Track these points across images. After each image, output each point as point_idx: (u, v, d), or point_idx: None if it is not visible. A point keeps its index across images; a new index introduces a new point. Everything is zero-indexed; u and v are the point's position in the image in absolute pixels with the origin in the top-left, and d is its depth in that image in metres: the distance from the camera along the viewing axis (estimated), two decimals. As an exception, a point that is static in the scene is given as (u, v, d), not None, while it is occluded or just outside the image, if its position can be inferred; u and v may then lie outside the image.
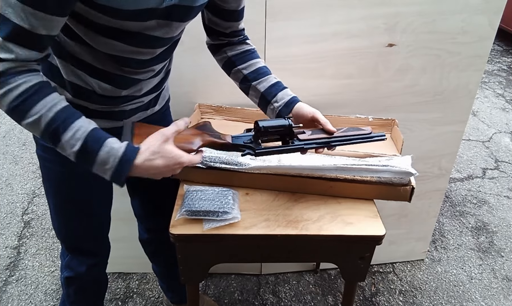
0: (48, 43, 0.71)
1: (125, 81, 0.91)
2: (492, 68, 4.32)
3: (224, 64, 1.06)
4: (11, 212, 2.23)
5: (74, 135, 0.72)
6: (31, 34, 0.67)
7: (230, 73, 1.05)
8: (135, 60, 0.86)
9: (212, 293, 1.78)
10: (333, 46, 1.34)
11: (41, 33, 0.67)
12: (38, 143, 0.99)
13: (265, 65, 1.04)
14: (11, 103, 0.70)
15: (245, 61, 1.03)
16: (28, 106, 0.70)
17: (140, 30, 0.79)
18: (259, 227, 1.01)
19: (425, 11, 1.32)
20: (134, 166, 0.75)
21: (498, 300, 1.79)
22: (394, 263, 1.97)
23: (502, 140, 3.03)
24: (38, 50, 0.70)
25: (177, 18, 0.83)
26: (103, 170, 0.75)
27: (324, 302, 1.76)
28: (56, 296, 1.75)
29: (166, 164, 0.77)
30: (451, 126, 1.58)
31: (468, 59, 1.43)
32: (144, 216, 1.34)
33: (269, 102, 1.00)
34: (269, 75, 1.02)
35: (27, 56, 0.69)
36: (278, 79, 1.03)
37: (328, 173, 1.07)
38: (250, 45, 1.06)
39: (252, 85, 1.01)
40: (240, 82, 1.04)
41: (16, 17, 0.64)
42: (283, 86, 1.02)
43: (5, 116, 3.14)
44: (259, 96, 1.01)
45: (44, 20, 0.66)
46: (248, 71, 1.02)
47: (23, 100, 0.70)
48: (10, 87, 0.68)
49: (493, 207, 2.36)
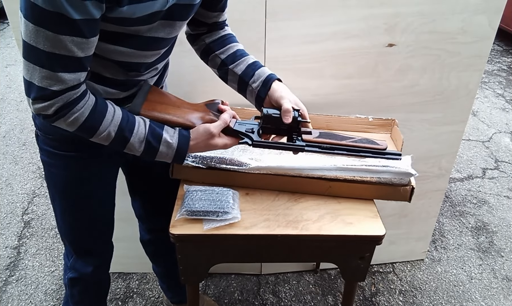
0: (88, 63, 0.76)
1: (130, 84, 0.92)
2: (492, 68, 4.32)
3: (202, 52, 1.04)
4: (11, 212, 2.23)
5: (138, 138, 0.85)
6: (75, 60, 0.71)
7: (208, 60, 1.03)
8: (141, 64, 0.88)
9: (212, 293, 1.78)
10: (333, 46, 1.34)
11: (80, 55, 0.71)
12: (42, 149, 0.99)
13: (243, 49, 1.02)
14: (80, 126, 0.78)
15: (222, 46, 1.01)
16: (96, 125, 0.80)
17: (146, 33, 0.80)
18: (259, 227, 1.01)
19: (425, 11, 1.32)
20: (188, 150, 0.90)
21: (498, 300, 1.79)
22: (394, 263, 1.97)
23: (502, 140, 3.03)
24: (82, 70, 0.74)
25: (179, 17, 0.84)
26: (165, 159, 0.90)
27: (324, 302, 1.76)
28: (56, 296, 1.75)
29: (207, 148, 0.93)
30: (451, 126, 1.58)
31: (468, 59, 1.43)
32: (145, 217, 1.34)
33: (247, 84, 0.97)
34: (246, 56, 0.99)
35: (75, 79, 0.74)
36: (256, 59, 1.00)
37: (328, 173, 1.07)
38: (227, 31, 1.03)
39: (229, 69, 0.99)
40: (218, 69, 1.01)
41: (58, 49, 0.68)
42: (260, 65, 0.98)
43: (5, 116, 3.14)
44: (237, 80, 0.98)
45: (82, 44, 0.70)
46: (225, 55, 1.00)
47: (90, 124, 0.79)
48: (76, 115, 0.77)
49: (493, 207, 2.36)
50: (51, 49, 0.68)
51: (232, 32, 1.04)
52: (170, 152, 0.88)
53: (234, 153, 1.12)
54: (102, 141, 0.83)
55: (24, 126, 3.01)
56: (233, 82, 1.00)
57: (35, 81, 0.71)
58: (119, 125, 0.82)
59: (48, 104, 0.73)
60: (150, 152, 0.87)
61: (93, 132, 0.80)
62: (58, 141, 0.95)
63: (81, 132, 0.80)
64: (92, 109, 0.78)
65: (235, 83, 0.99)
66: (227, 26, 1.05)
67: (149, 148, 0.86)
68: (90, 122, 0.79)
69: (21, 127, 3.02)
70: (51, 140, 0.96)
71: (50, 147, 0.97)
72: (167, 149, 0.88)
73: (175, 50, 1.23)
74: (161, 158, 0.89)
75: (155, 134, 0.86)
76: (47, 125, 0.93)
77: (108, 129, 0.81)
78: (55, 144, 0.96)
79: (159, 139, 0.87)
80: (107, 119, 0.81)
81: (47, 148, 0.97)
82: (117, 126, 0.82)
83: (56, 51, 0.68)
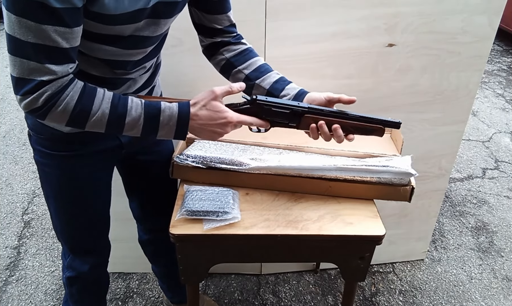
0: (75, 55, 0.74)
1: (118, 82, 0.92)
2: (492, 68, 4.32)
3: (222, 68, 1.03)
4: (11, 212, 2.23)
5: (135, 111, 0.80)
6: (60, 50, 0.70)
7: (229, 75, 1.03)
8: (128, 62, 0.88)
9: (212, 293, 1.78)
10: (333, 46, 1.34)
11: (65, 46, 0.70)
12: (35, 149, 0.99)
13: (265, 62, 1.03)
14: (72, 112, 0.76)
15: (245, 61, 1.01)
16: (87, 107, 0.77)
17: (131, 32, 0.80)
18: (259, 227, 1.01)
19: (425, 11, 1.32)
20: (191, 116, 0.84)
21: (498, 300, 1.79)
22: (394, 263, 1.97)
23: (502, 140, 3.03)
24: (69, 62, 0.73)
25: (163, 15, 0.84)
26: (167, 132, 0.84)
27: (324, 302, 1.76)
28: (56, 296, 1.75)
29: (211, 117, 0.85)
30: (451, 126, 1.58)
31: (468, 59, 1.43)
32: (143, 217, 1.34)
33: (277, 98, 0.98)
34: (271, 71, 1.01)
35: (64, 71, 0.72)
36: (281, 74, 1.01)
37: (328, 173, 1.07)
38: (246, 44, 1.04)
39: (256, 84, 1.00)
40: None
41: (42, 39, 0.67)
42: (288, 81, 1.00)
43: (5, 116, 3.14)
44: (265, 93, 0.99)
45: (66, 34, 0.69)
46: (249, 70, 1.00)
47: (81, 106, 0.76)
48: (66, 100, 0.74)
49: (493, 207, 2.36)
50: (36, 40, 0.67)
51: (250, 45, 1.04)
52: (173, 120, 0.83)
53: (234, 153, 1.12)
54: (97, 125, 0.80)
55: (24, 126, 3.01)
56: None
57: (23, 75, 0.70)
58: (111, 102, 0.79)
59: (37, 95, 0.72)
60: (151, 125, 0.83)
61: (86, 116, 0.77)
62: (50, 140, 0.95)
63: (74, 120, 0.78)
64: (81, 91, 0.76)
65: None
66: (243, 39, 1.04)
67: (149, 119, 0.82)
68: (81, 105, 0.76)
69: (21, 127, 3.02)
70: (44, 140, 0.96)
71: (43, 147, 0.97)
72: (169, 118, 0.83)
73: (175, 50, 1.23)
74: (163, 131, 0.84)
75: (152, 105, 0.83)
76: (39, 125, 0.93)
77: (101, 108, 0.78)
78: (47, 143, 0.96)
79: (157, 108, 0.82)
80: (98, 98, 0.78)
81: (40, 148, 0.98)
82: (109, 103, 0.79)
83: (41, 42, 0.67)
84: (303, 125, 0.92)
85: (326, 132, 0.90)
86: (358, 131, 0.92)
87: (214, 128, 0.87)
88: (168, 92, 1.21)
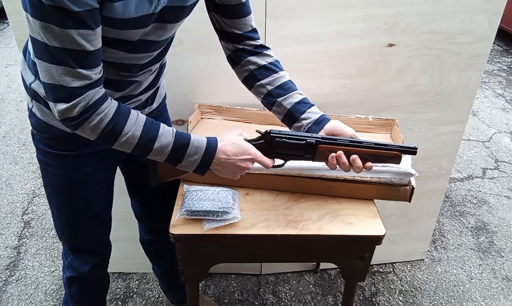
0: (100, 57, 0.75)
1: (123, 84, 0.92)
2: (492, 68, 4.32)
3: (245, 79, 1.02)
4: (11, 212, 2.23)
5: (164, 140, 0.83)
6: (86, 53, 0.71)
7: (252, 87, 1.01)
8: (133, 65, 0.88)
9: (212, 293, 1.78)
10: (333, 46, 1.34)
11: (90, 49, 0.71)
12: (38, 148, 0.99)
13: (290, 79, 1.01)
14: (104, 129, 0.77)
15: (269, 75, 0.99)
16: (120, 126, 0.79)
17: (139, 37, 0.80)
18: (259, 227, 1.01)
19: (425, 11, 1.32)
20: (218, 150, 0.87)
21: (498, 300, 1.79)
22: (394, 263, 1.97)
23: (502, 140, 3.03)
24: (96, 65, 0.74)
25: (170, 20, 0.84)
26: (190, 164, 0.86)
27: (324, 302, 1.76)
28: (56, 296, 1.75)
29: (236, 152, 0.88)
30: (451, 126, 1.58)
31: (468, 59, 1.43)
32: (145, 217, 1.34)
33: (297, 119, 0.97)
34: (294, 90, 0.99)
35: (93, 74, 0.73)
36: (304, 95, 1.00)
37: (328, 173, 1.07)
38: (272, 56, 1.01)
39: (277, 102, 0.98)
40: (263, 98, 1.00)
41: (68, 43, 0.68)
42: (310, 103, 0.99)
43: (5, 116, 3.14)
44: (285, 112, 0.98)
45: (89, 36, 0.70)
46: (273, 87, 0.98)
47: (114, 125, 0.78)
48: (101, 116, 0.76)
49: (493, 207, 2.36)
50: (62, 44, 0.68)
51: (276, 58, 1.02)
52: (199, 152, 0.85)
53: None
54: (125, 146, 0.81)
55: (24, 126, 3.01)
56: (279, 113, 1.00)
57: (53, 81, 0.71)
58: (143, 125, 0.81)
59: (72, 105, 0.73)
60: (178, 154, 0.85)
61: (117, 135, 0.79)
62: (53, 140, 0.95)
63: (104, 137, 0.79)
64: (116, 110, 0.78)
65: (281, 115, 1.00)
66: (269, 49, 1.02)
67: (177, 148, 0.84)
68: (114, 124, 0.78)
69: (21, 127, 3.02)
70: (47, 139, 0.96)
71: (46, 146, 0.97)
72: (196, 149, 0.85)
73: (175, 50, 1.23)
74: (186, 162, 0.86)
75: (183, 136, 0.85)
76: (43, 124, 0.93)
77: (133, 130, 0.80)
78: (50, 143, 0.96)
79: (187, 138, 0.85)
80: (131, 120, 0.80)
81: (43, 147, 0.98)
82: (142, 127, 0.81)
83: (67, 46, 0.68)
84: (319, 156, 0.91)
85: (345, 163, 0.90)
86: (375, 159, 0.91)
87: (238, 163, 0.89)
88: (168, 92, 1.21)
